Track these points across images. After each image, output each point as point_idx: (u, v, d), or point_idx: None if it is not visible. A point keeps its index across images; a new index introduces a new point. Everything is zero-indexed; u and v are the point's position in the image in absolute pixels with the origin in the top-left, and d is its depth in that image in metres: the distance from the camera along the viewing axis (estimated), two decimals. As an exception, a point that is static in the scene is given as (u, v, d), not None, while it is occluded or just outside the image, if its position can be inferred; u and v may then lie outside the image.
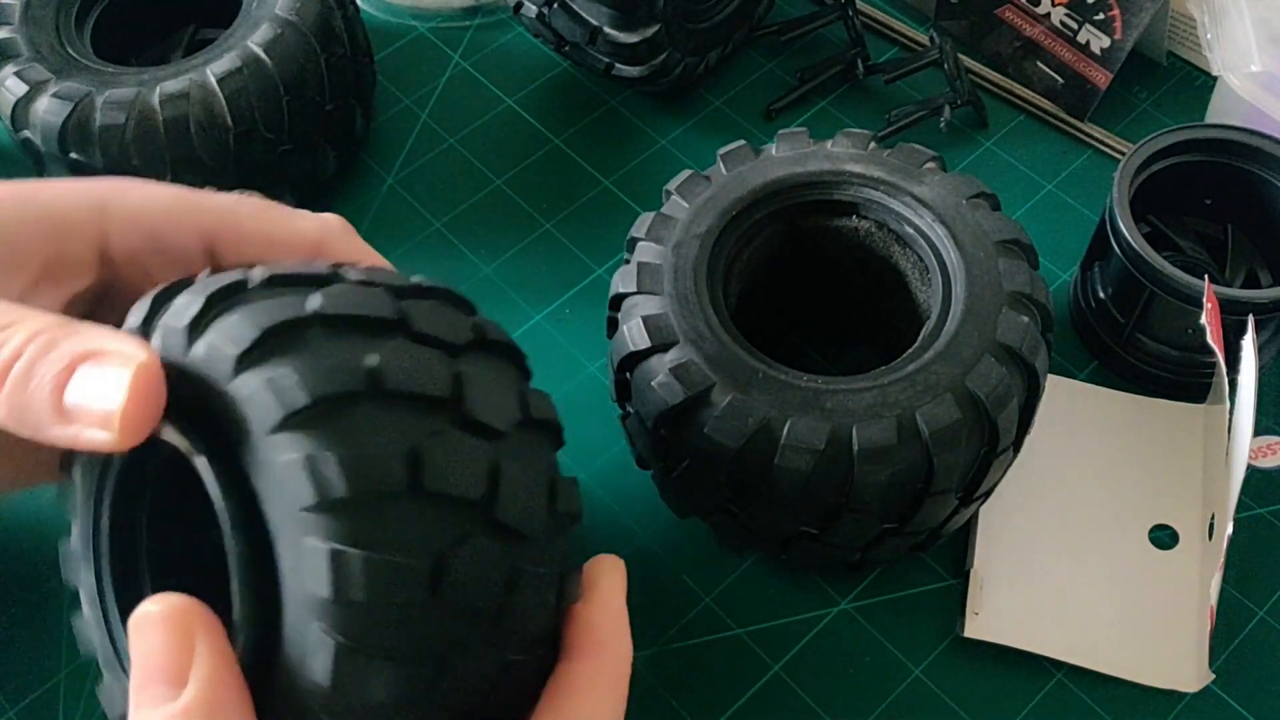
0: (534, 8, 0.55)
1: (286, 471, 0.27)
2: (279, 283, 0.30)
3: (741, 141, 0.44)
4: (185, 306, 0.30)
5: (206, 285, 0.30)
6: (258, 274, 0.31)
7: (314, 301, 0.29)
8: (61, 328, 0.30)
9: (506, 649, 0.30)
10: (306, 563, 0.26)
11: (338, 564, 0.26)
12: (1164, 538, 0.46)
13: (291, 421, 0.27)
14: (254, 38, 0.50)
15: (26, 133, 0.50)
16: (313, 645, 0.27)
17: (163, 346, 0.30)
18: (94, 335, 0.29)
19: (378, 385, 0.28)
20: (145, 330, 0.31)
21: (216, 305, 0.29)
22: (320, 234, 0.36)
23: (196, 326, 0.29)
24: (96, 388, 0.28)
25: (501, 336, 0.32)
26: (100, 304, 0.36)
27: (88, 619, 0.33)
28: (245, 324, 0.28)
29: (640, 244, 0.42)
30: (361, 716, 0.28)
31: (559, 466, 0.32)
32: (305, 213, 0.37)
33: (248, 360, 0.28)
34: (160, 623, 0.28)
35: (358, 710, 0.28)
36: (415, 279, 0.33)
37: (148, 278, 0.36)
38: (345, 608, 0.26)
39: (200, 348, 0.29)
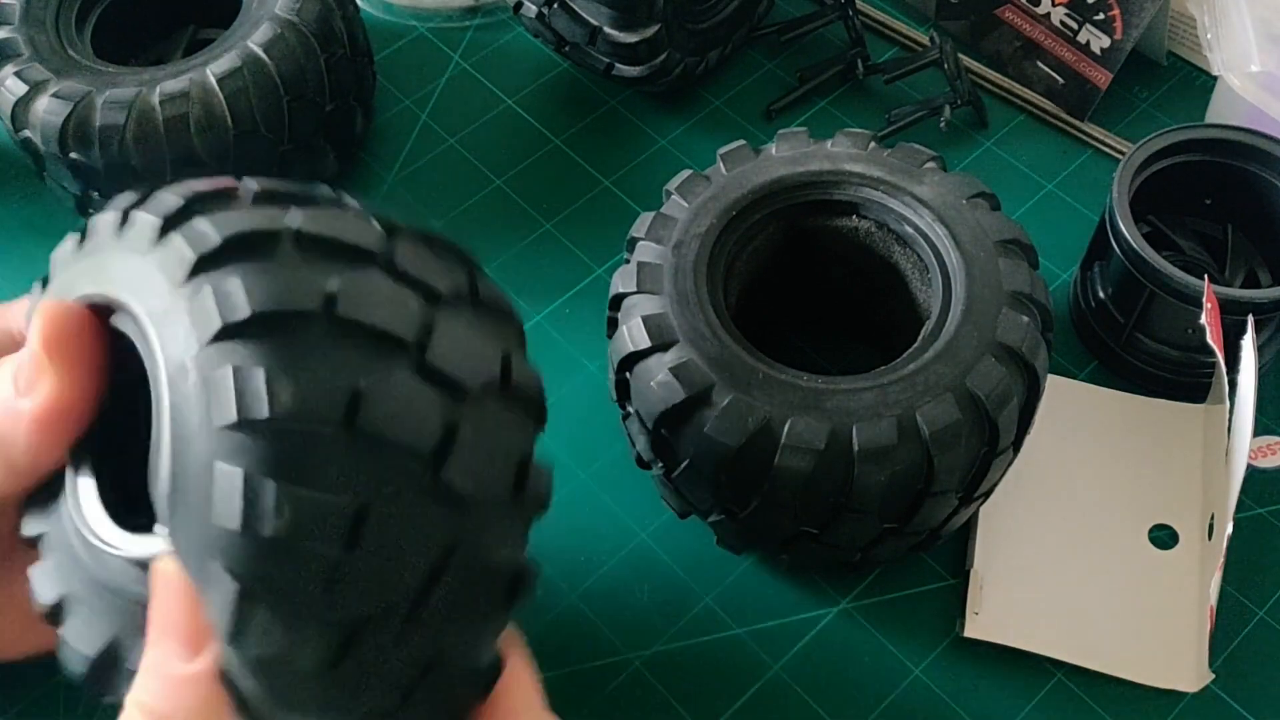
0: (534, 8, 0.55)
1: (212, 383, 0.25)
2: (267, 198, 0.29)
3: (741, 141, 0.44)
4: (164, 202, 0.28)
5: (190, 187, 0.29)
6: (250, 184, 0.29)
7: (293, 218, 0.27)
8: None
9: (426, 646, 0.27)
10: (217, 488, 0.24)
11: (249, 492, 0.24)
12: (1164, 537, 0.46)
13: (228, 331, 0.25)
14: (254, 38, 0.50)
15: (26, 132, 0.50)
16: (213, 582, 0.25)
17: (132, 236, 0.28)
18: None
19: (331, 311, 0.26)
20: (123, 217, 0.29)
21: (195, 207, 0.28)
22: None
23: (169, 224, 0.27)
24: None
25: (499, 301, 0.30)
26: None
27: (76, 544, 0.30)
28: (211, 229, 0.27)
29: (640, 244, 0.42)
30: (260, 674, 0.26)
31: (542, 452, 0.29)
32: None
33: (203, 265, 0.26)
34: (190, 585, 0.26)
35: (255, 665, 0.26)
36: (423, 230, 0.30)
37: None
38: (251, 543, 0.24)
39: (163, 246, 0.27)
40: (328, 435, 0.25)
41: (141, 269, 0.28)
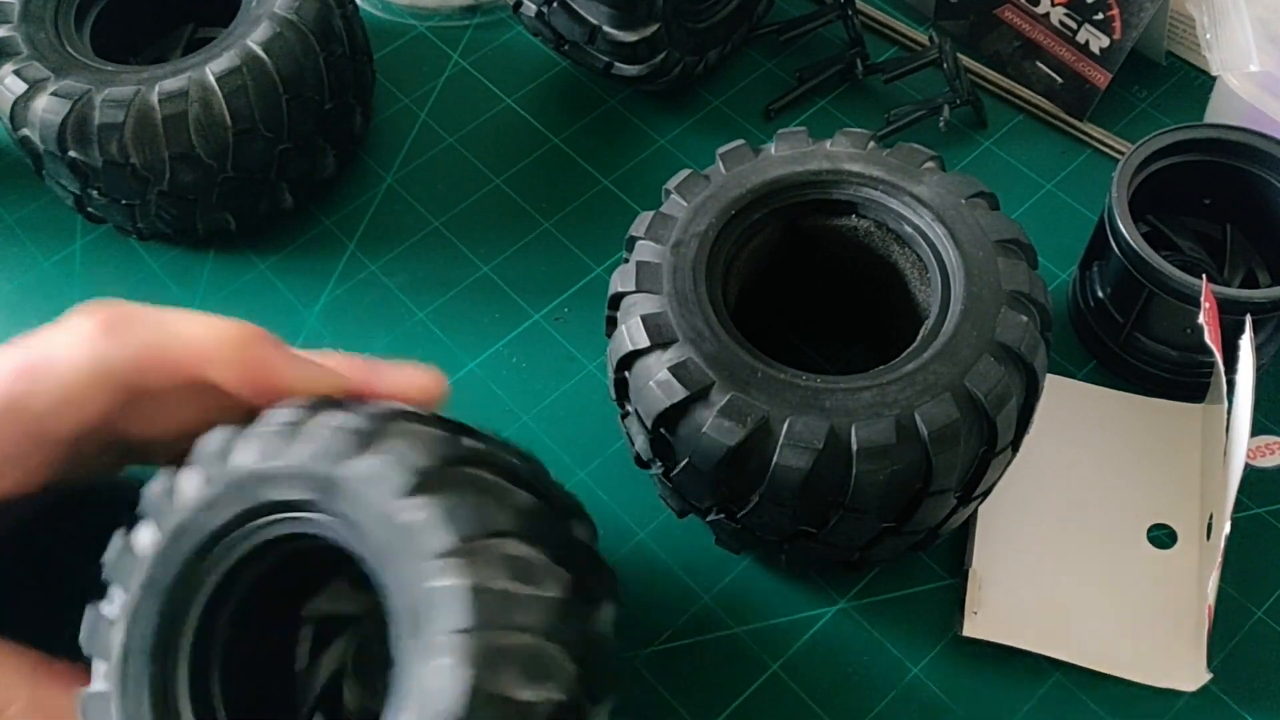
0: (533, 6, 0.55)
1: (443, 595, 0.30)
2: (434, 421, 0.34)
3: (741, 141, 0.44)
4: (354, 421, 0.33)
5: (370, 408, 0.34)
6: (420, 410, 0.35)
7: (469, 442, 0.33)
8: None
9: None
10: (441, 680, 0.29)
11: (471, 690, 0.29)
12: (1162, 537, 0.46)
13: (456, 549, 0.30)
14: (253, 36, 0.50)
15: (25, 131, 0.50)
16: None
17: (316, 449, 0.32)
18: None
19: (525, 532, 0.31)
20: (297, 431, 0.33)
21: (382, 426, 0.33)
22: (204, 357, 0.36)
23: (364, 441, 0.32)
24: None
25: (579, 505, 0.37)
26: None
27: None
28: (419, 451, 0.32)
29: (639, 243, 0.42)
30: None
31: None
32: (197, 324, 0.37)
33: (420, 486, 0.31)
34: None
35: None
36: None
37: None
38: None
39: (366, 462, 0.31)
40: (532, 647, 0.30)
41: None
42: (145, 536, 0.34)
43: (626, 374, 0.40)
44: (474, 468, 0.32)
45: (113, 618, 0.33)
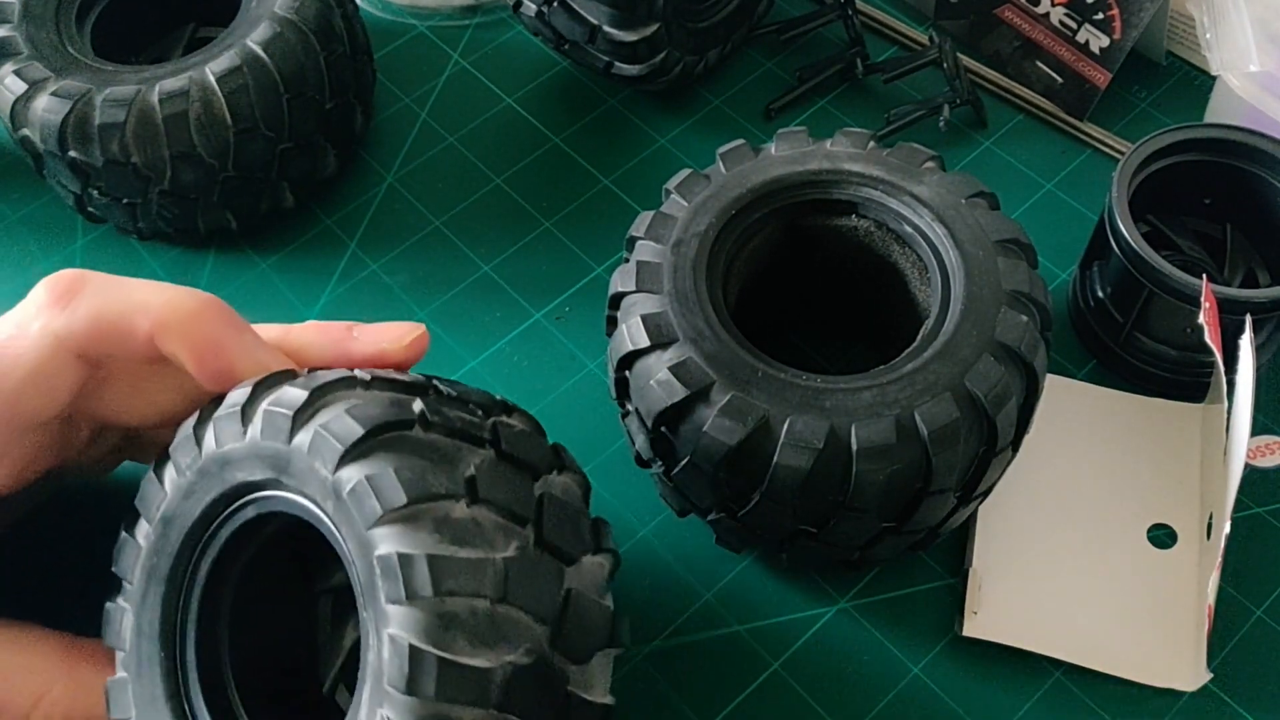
0: (533, 6, 0.55)
1: (384, 565, 0.29)
2: (381, 384, 0.34)
3: (741, 140, 0.44)
4: (290, 396, 0.32)
5: (310, 380, 0.33)
6: (363, 374, 0.34)
7: (416, 405, 0.32)
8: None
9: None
10: (387, 653, 0.29)
11: (415, 658, 0.28)
12: (1162, 537, 0.46)
13: (389, 518, 0.30)
14: (253, 36, 0.50)
15: (25, 131, 0.50)
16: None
17: (263, 428, 0.32)
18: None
19: (474, 494, 0.31)
20: (245, 412, 0.33)
21: (318, 399, 0.32)
22: (155, 324, 0.35)
23: (300, 416, 0.32)
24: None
25: (574, 463, 0.36)
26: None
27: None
28: (351, 420, 0.31)
29: (639, 243, 0.42)
30: None
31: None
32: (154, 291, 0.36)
33: (351, 455, 0.30)
34: None
35: None
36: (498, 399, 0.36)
37: None
38: (416, 703, 0.28)
39: (306, 435, 0.31)
40: (477, 610, 0.29)
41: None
42: (141, 528, 0.35)
43: (627, 373, 0.40)
44: (420, 430, 0.32)
45: (123, 608, 0.35)
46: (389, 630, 0.29)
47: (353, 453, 0.30)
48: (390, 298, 0.54)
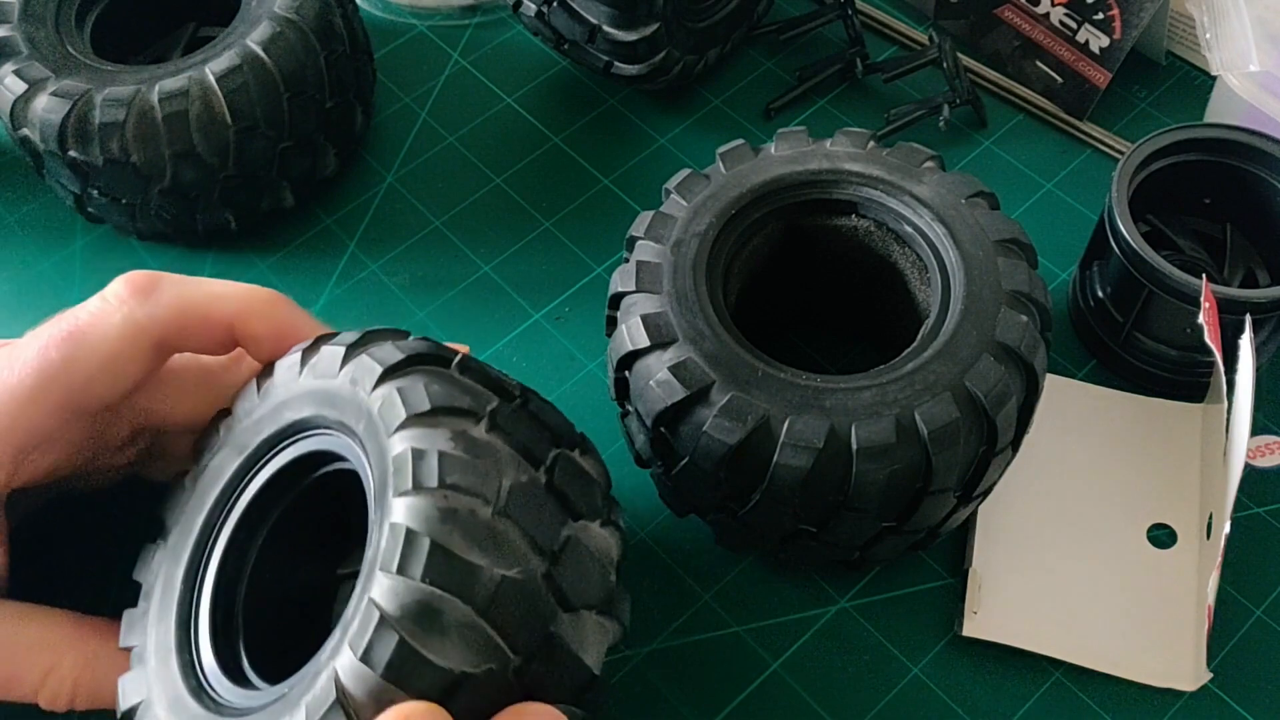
0: (533, 6, 0.55)
1: (396, 462, 0.31)
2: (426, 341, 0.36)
3: (740, 140, 0.44)
4: (345, 337, 0.36)
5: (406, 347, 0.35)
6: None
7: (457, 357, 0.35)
8: None
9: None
10: (385, 541, 0.30)
11: (409, 540, 0.29)
12: (1162, 537, 0.46)
13: (410, 422, 0.31)
14: (253, 36, 0.50)
15: (25, 131, 0.50)
16: (363, 613, 0.29)
17: (317, 365, 0.35)
18: None
19: (494, 422, 0.32)
20: (305, 356, 0.36)
21: (370, 340, 0.35)
22: (238, 310, 0.38)
23: (351, 351, 0.35)
24: None
25: (594, 451, 0.37)
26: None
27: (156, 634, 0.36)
28: (394, 348, 0.34)
29: (639, 243, 0.42)
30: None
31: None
32: (225, 289, 0.39)
33: (389, 375, 0.33)
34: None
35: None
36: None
37: None
38: (402, 584, 0.29)
39: (348, 368, 0.34)
40: (482, 516, 0.30)
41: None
42: (192, 474, 0.38)
43: (627, 373, 0.40)
44: (457, 371, 0.34)
45: (159, 545, 0.37)
46: (390, 520, 0.30)
47: (391, 374, 0.33)
48: (390, 298, 0.54)
